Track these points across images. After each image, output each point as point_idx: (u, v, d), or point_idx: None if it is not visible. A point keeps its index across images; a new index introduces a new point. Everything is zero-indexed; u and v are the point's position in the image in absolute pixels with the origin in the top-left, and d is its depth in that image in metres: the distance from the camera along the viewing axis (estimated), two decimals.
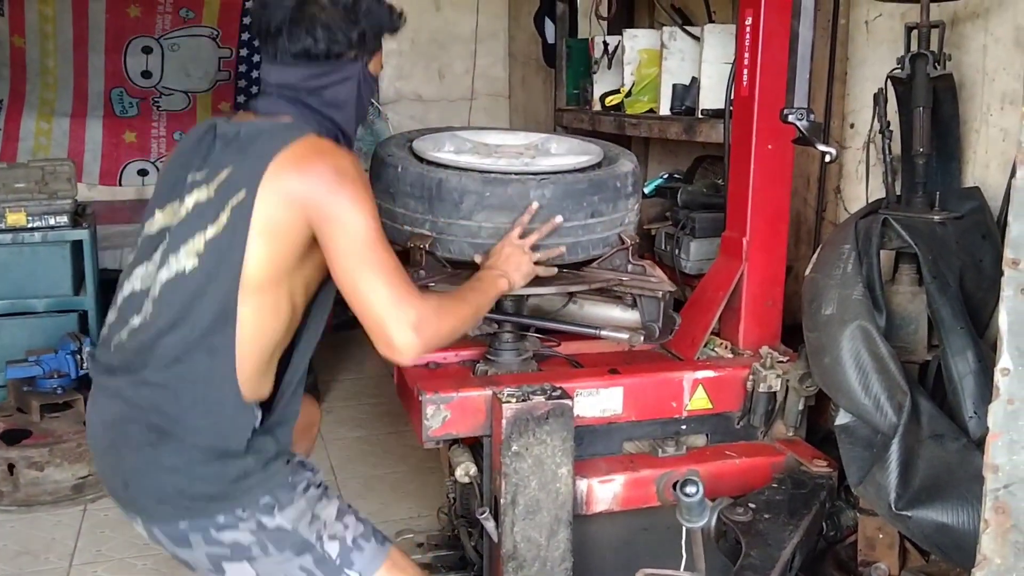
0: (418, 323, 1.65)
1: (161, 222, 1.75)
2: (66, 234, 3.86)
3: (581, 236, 2.21)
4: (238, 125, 1.74)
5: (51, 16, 5.18)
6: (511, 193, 2.15)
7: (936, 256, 2.11)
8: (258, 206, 1.63)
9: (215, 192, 1.67)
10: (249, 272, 1.64)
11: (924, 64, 2.17)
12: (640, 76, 3.43)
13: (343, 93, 1.81)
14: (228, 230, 1.64)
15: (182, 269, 1.66)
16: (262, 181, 1.63)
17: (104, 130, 5.47)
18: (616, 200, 2.27)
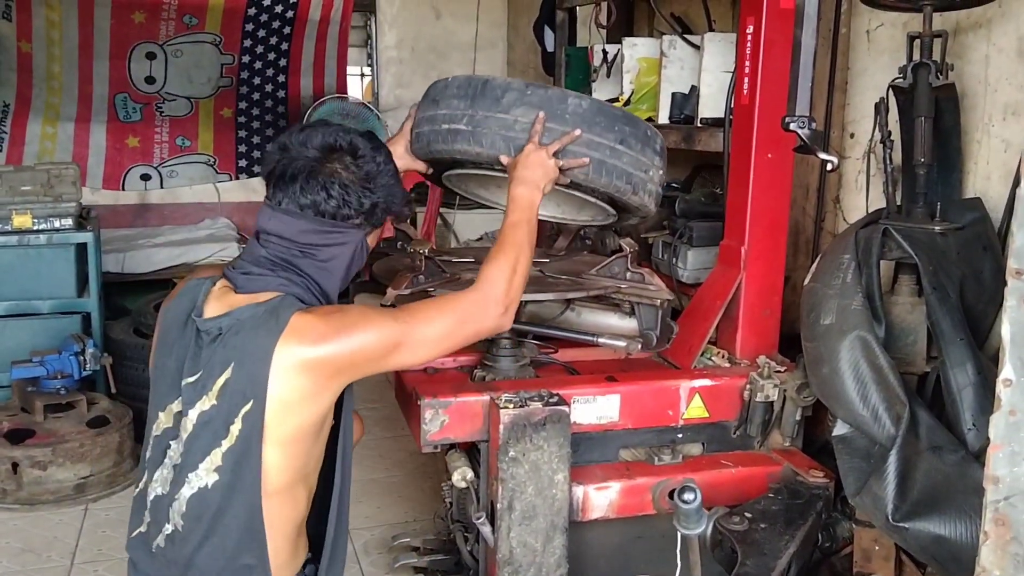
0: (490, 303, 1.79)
1: (165, 424, 1.71)
2: (71, 236, 3.89)
3: (608, 157, 2.12)
4: (217, 321, 1.66)
5: (57, 22, 5.20)
6: (551, 95, 2.10)
7: (936, 267, 2.10)
8: (270, 415, 1.59)
9: (218, 400, 1.62)
10: (270, 479, 1.62)
11: (926, 73, 2.17)
12: (639, 84, 3.43)
13: (338, 257, 1.76)
14: (242, 441, 1.60)
15: (204, 485, 1.63)
16: (268, 388, 1.59)
17: (108, 135, 5.48)
18: (645, 145, 2.18)
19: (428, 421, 2.16)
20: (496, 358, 2.41)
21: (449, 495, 2.50)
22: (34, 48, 5.19)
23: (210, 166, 5.70)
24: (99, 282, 3.98)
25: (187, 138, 5.62)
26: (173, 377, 1.69)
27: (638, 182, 2.17)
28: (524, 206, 1.96)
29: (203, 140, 5.65)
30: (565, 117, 2.07)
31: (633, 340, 2.37)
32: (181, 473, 1.65)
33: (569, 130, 2.06)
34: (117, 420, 3.58)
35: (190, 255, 5.13)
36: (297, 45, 5.60)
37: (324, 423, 1.69)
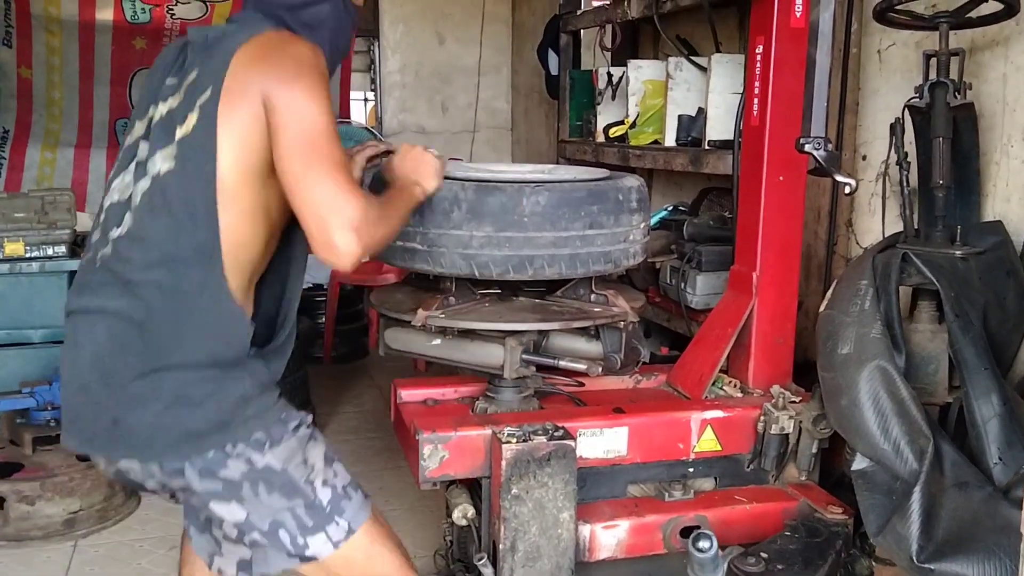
0: (359, 224, 1.59)
1: (138, 132, 1.73)
2: (64, 264, 3.81)
3: (580, 248, 2.10)
4: (207, 30, 1.75)
5: (58, 48, 5.18)
6: (504, 200, 2.07)
7: (958, 293, 2.01)
8: (223, 102, 1.61)
9: (184, 95, 1.66)
10: (223, 173, 1.61)
11: (944, 93, 2.09)
12: (645, 107, 3.37)
13: (322, 15, 1.80)
14: (198, 128, 1.62)
15: (158, 172, 1.64)
16: (225, 76, 1.62)
17: (108, 160, 5.45)
18: (619, 214, 2.16)
19: (427, 457, 2.08)
20: (498, 389, 2.33)
21: (449, 532, 2.41)
22: (34, 74, 5.17)
23: None
24: None
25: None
26: (156, 87, 1.74)
27: (619, 256, 2.16)
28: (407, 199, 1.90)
29: None
30: (524, 221, 2.05)
31: (594, 363, 2.28)
32: (140, 168, 1.67)
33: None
34: None
35: None
36: None
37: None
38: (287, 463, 1.67)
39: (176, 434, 1.61)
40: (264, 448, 1.65)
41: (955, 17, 2.13)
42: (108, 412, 1.63)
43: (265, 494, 1.65)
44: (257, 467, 1.64)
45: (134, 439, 1.63)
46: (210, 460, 1.62)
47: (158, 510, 3.44)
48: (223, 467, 1.63)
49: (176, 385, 1.60)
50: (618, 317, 2.22)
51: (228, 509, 1.65)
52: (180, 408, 1.60)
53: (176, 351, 1.61)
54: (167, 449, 1.62)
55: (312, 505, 1.69)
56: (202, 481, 1.63)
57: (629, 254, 2.19)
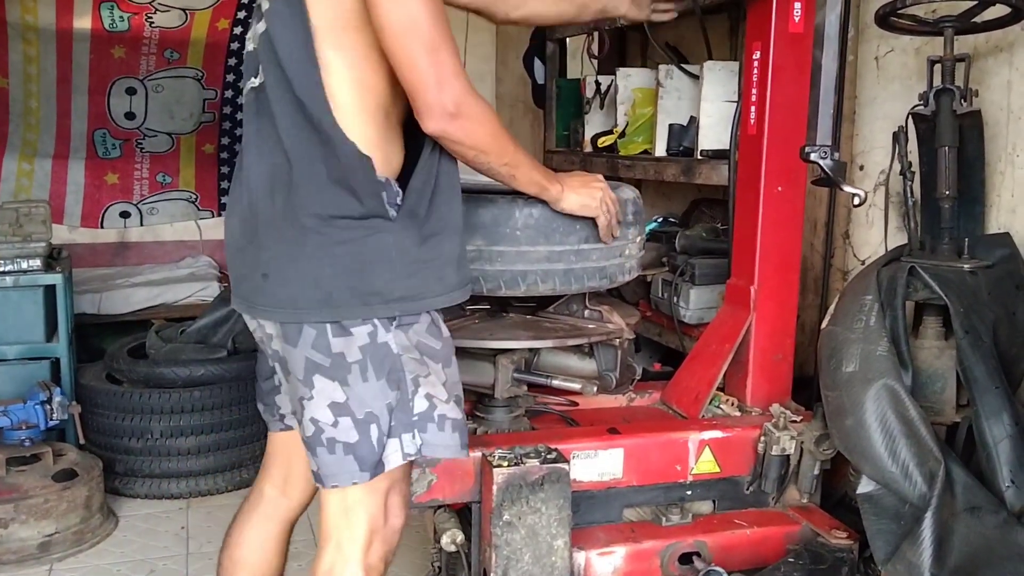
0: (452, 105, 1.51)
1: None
2: (39, 278, 3.72)
3: (574, 263, 2.03)
4: None
5: (35, 56, 5.07)
6: (495, 214, 1.99)
7: (968, 309, 1.94)
8: None
9: None
10: (318, 11, 1.50)
11: (950, 100, 2.02)
12: (634, 116, 3.29)
13: None
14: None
15: (264, 13, 1.58)
16: None
17: (86, 172, 5.35)
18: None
19: (414, 481, 1.98)
20: (489, 409, 2.24)
21: (437, 559, 2.31)
22: (11, 83, 5.06)
23: (191, 203, 5.56)
24: (70, 325, 3.80)
25: (168, 174, 5.48)
26: None
27: (614, 271, 2.08)
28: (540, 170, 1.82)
29: (184, 176, 5.51)
30: (516, 235, 1.97)
31: (589, 382, 2.20)
32: (258, 15, 1.62)
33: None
34: (85, 473, 3.38)
35: (169, 295, 4.95)
36: None
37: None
38: (406, 350, 1.57)
39: (309, 297, 1.53)
40: (390, 325, 1.55)
41: (960, 22, 2.06)
42: (259, 267, 1.58)
43: (373, 378, 1.55)
44: (377, 342, 1.54)
45: (276, 294, 1.57)
46: (338, 329, 1.54)
47: (136, 532, 3.34)
48: (344, 338, 1.54)
49: (316, 242, 1.53)
50: (613, 334, 2.14)
51: (330, 388, 1.55)
52: (318, 267, 1.52)
53: (314, 204, 1.52)
54: (304, 307, 1.54)
55: (402, 406, 1.58)
56: (313, 352, 1.54)
57: (625, 269, 2.11)
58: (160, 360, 3.68)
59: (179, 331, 3.87)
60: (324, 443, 1.59)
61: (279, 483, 1.94)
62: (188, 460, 3.55)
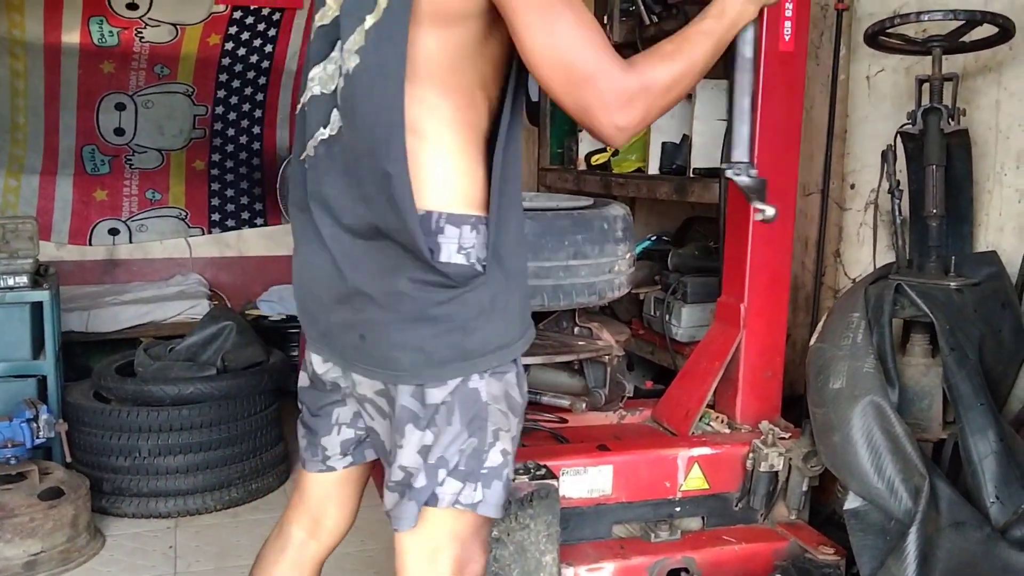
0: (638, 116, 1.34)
1: (334, 9, 1.48)
2: (25, 295, 3.67)
3: (563, 279, 2.03)
4: None
5: (22, 72, 5.05)
6: None
7: (954, 326, 1.95)
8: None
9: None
10: (419, 63, 1.38)
11: (937, 119, 2.04)
12: None
13: None
14: (387, 15, 1.36)
15: (348, 70, 1.42)
16: None
17: (74, 188, 5.31)
18: (603, 243, 2.10)
19: None
20: None
21: None
22: None
23: (182, 220, 5.53)
24: (57, 343, 3.76)
25: (157, 191, 5.45)
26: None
27: (604, 287, 2.08)
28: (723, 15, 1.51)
29: (174, 193, 5.48)
30: None
31: (578, 399, 2.20)
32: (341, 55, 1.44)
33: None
34: (72, 491, 3.34)
35: (158, 313, 4.91)
36: (273, 96, 5.48)
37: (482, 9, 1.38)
38: (495, 400, 1.50)
39: (409, 359, 1.45)
40: (484, 373, 1.48)
41: (948, 41, 2.08)
42: (354, 328, 1.50)
43: (458, 423, 1.48)
44: (467, 388, 1.47)
45: (375, 354, 1.48)
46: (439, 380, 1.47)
47: (123, 551, 3.30)
48: (439, 388, 1.46)
49: (414, 305, 1.44)
50: (603, 351, 2.15)
51: (418, 437, 1.48)
52: (417, 330, 1.44)
53: (408, 270, 1.43)
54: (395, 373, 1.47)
55: (477, 455, 1.50)
56: (410, 399, 1.47)
57: (614, 285, 2.11)
58: (148, 378, 3.66)
59: (168, 349, 3.84)
60: (410, 488, 1.51)
61: (309, 526, 1.82)
62: (176, 479, 3.51)
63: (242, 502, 3.57)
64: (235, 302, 5.49)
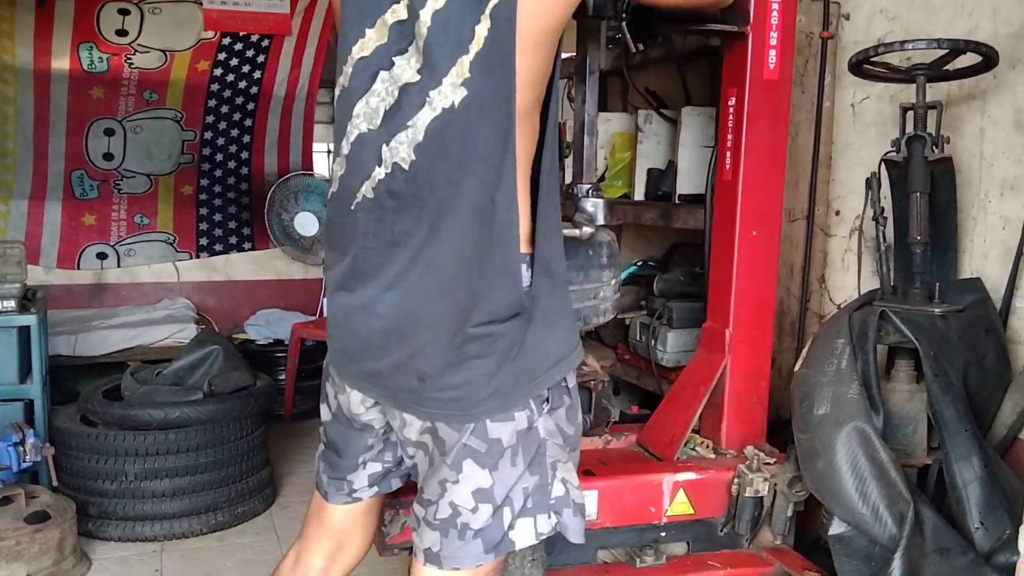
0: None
1: (376, 40, 1.42)
2: (13, 319, 3.66)
3: None
4: None
5: (12, 97, 5.07)
6: None
7: (938, 352, 1.96)
8: (522, 7, 1.31)
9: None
10: (521, 93, 1.34)
11: (921, 146, 2.06)
12: (614, 160, 3.32)
13: None
14: (491, 44, 1.32)
15: (450, 104, 1.34)
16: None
17: (63, 212, 5.31)
18: (589, 270, 2.09)
19: (388, 523, 1.96)
20: None
21: None
22: None
23: (170, 244, 5.53)
24: (44, 367, 3.75)
25: (146, 216, 5.46)
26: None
27: (588, 312, 2.08)
28: None
29: (162, 218, 5.49)
30: None
31: None
32: (417, 93, 1.37)
33: None
34: (58, 515, 3.32)
35: (146, 337, 4.91)
36: (261, 121, 5.50)
37: (563, 28, 1.40)
38: (550, 436, 1.50)
39: (476, 395, 1.43)
40: (543, 409, 1.48)
41: (932, 70, 2.11)
42: (413, 372, 1.47)
43: (522, 462, 1.47)
44: (527, 428, 1.47)
45: (435, 397, 1.46)
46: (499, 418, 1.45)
47: (110, 574, 3.28)
48: (503, 425, 1.45)
49: (480, 344, 1.42)
50: (588, 377, 2.14)
51: (479, 475, 1.45)
52: (484, 365, 1.42)
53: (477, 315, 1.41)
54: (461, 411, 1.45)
55: (541, 490, 1.49)
56: (472, 438, 1.45)
57: (599, 311, 2.11)
58: (135, 402, 3.64)
59: (155, 373, 3.82)
60: (457, 526, 1.49)
61: (331, 552, 1.79)
62: (162, 502, 3.49)
63: (228, 526, 3.55)
64: (222, 326, 5.48)
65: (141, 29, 5.08)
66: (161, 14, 5.10)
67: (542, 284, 1.45)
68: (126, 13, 5.04)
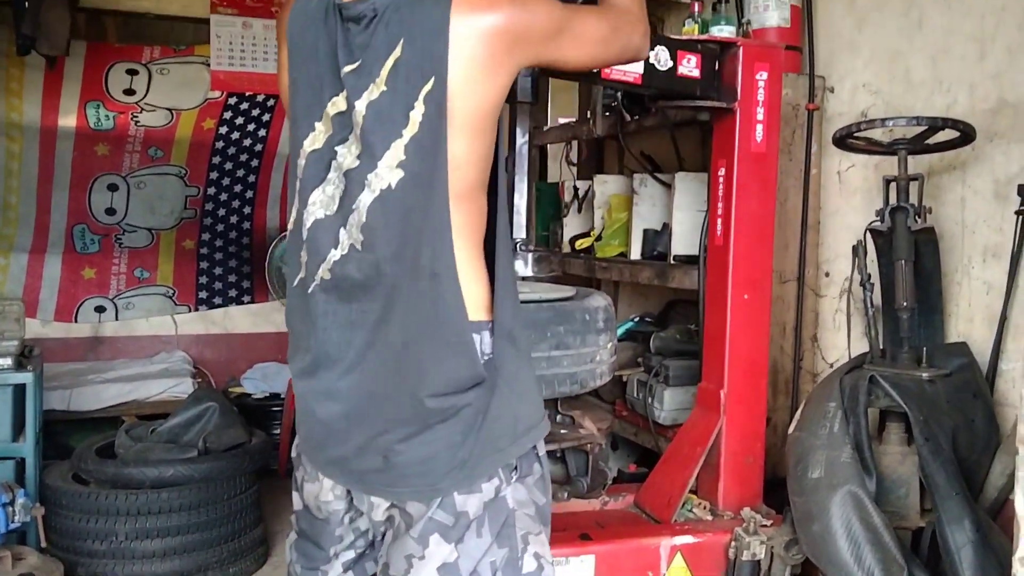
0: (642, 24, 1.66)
1: (324, 132, 1.51)
2: (9, 377, 3.63)
3: (546, 370, 2.06)
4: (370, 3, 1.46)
5: (18, 153, 5.12)
6: None
7: (927, 416, 2.00)
8: (453, 93, 1.40)
9: (389, 85, 1.42)
10: (457, 175, 1.42)
11: (904, 217, 2.12)
12: (611, 220, 3.38)
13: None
14: (425, 128, 1.41)
15: (387, 186, 1.43)
16: (448, 58, 1.40)
17: (63, 266, 5.32)
18: (585, 334, 2.14)
19: None
20: None
21: None
22: None
23: (169, 297, 5.55)
24: (37, 425, 3.72)
25: (146, 269, 5.48)
26: (324, 77, 1.50)
27: (585, 376, 2.13)
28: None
29: (163, 271, 5.51)
30: None
31: (561, 487, 2.21)
32: (357, 178, 1.45)
33: None
34: None
35: (141, 391, 4.88)
36: (265, 178, 5.56)
37: (497, 112, 1.47)
38: (521, 505, 1.49)
39: (441, 468, 1.44)
40: (512, 478, 1.48)
41: (913, 144, 2.17)
42: (377, 452, 1.48)
43: (487, 534, 1.46)
44: (495, 498, 1.46)
45: (403, 476, 1.47)
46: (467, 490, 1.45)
47: None
48: (469, 497, 1.45)
49: (441, 416, 1.44)
50: (585, 440, 2.17)
51: (443, 550, 1.45)
52: (447, 437, 1.44)
53: (432, 385, 1.44)
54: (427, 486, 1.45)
55: (512, 565, 1.47)
56: (439, 511, 1.45)
57: (596, 375, 2.15)
58: (128, 460, 3.61)
59: (149, 430, 3.80)
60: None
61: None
62: (153, 563, 3.44)
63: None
64: (219, 379, 5.47)
65: (149, 88, 5.15)
66: (169, 74, 5.17)
67: (505, 351, 1.48)
68: (135, 73, 5.11)
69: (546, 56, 1.52)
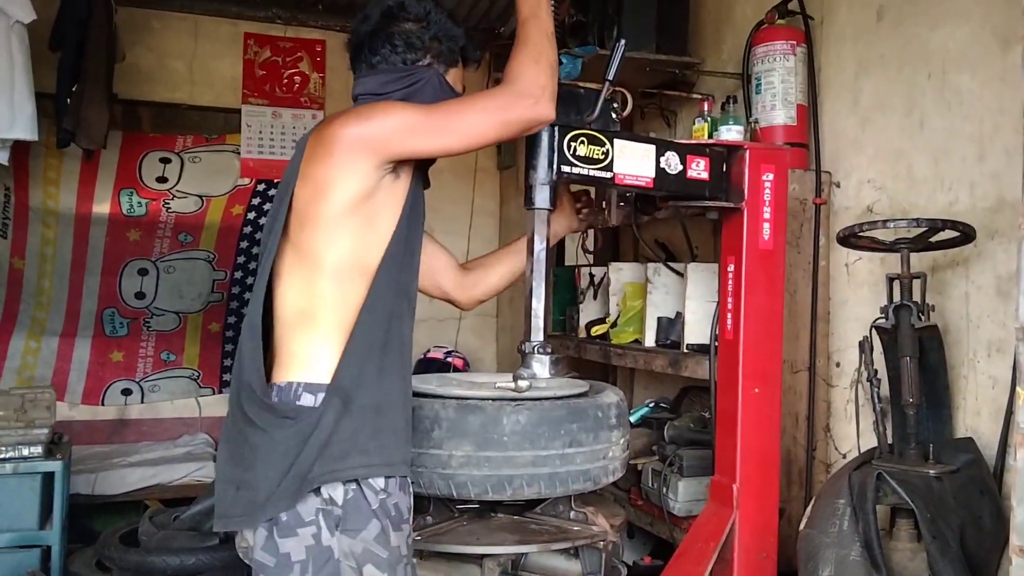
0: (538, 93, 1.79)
1: None
2: (38, 465, 3.65)
3: (559, 467, 2.10)
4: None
5: (52, 239, 5.26)
6: (484, 419, 2.08)
7: (935, 514, 2.01)
8: (298, 193, 1.78)
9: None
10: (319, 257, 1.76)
11: (908, 315, 2.17)
12: (625, 307, 3.44)
13: (419, 99, 1.87)
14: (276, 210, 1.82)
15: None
16: (300, 169, 1.78)
17: (92, 350, 5.41)
18: (598, 431, 2.18)
19: None
20: None
21: None
22: (27, 265, 5.21)
23: (193, 380, 5.62)
24: (64, 513, 3.76)
25: (172, 352, 5.57)
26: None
27: (598, 473, 2.18)
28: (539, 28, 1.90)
29: (188, 354, 5.60)
30: (503, 440, 2.08)
31: None
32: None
33: None
34: None
35: (165, 475, 4.92)
36: None
37: (366, 208, 1.76)
38: (345, 558, 1.64)
39: (261, 496, 1.64)
40: (335, 529, 1.63)
41: (915, 244, 2.23)
42: (233, 483, 1.71)
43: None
44: (320, 544, 1.62)
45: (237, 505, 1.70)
46: (281, 525, 1.62)
47: None
48: (288, 538, 1.61)
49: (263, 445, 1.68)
50: (598, 537, 2.20)
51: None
52: (265, 466, 1.65)
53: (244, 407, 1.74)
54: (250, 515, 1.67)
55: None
56: (263, 552, 1.64)
57: (608, 471, 2.19)
58: (152, 548, 3.64)
59: (173, 517, 3.84)
60: None
61: None
62: None
63: None
64: None
65: (180, 176, 5.32)
66: (200, 163, 5.35)
67: (331, 404, 1.69)
68: (167, 161, 5.29)
69: (413, 148, 1.77)
